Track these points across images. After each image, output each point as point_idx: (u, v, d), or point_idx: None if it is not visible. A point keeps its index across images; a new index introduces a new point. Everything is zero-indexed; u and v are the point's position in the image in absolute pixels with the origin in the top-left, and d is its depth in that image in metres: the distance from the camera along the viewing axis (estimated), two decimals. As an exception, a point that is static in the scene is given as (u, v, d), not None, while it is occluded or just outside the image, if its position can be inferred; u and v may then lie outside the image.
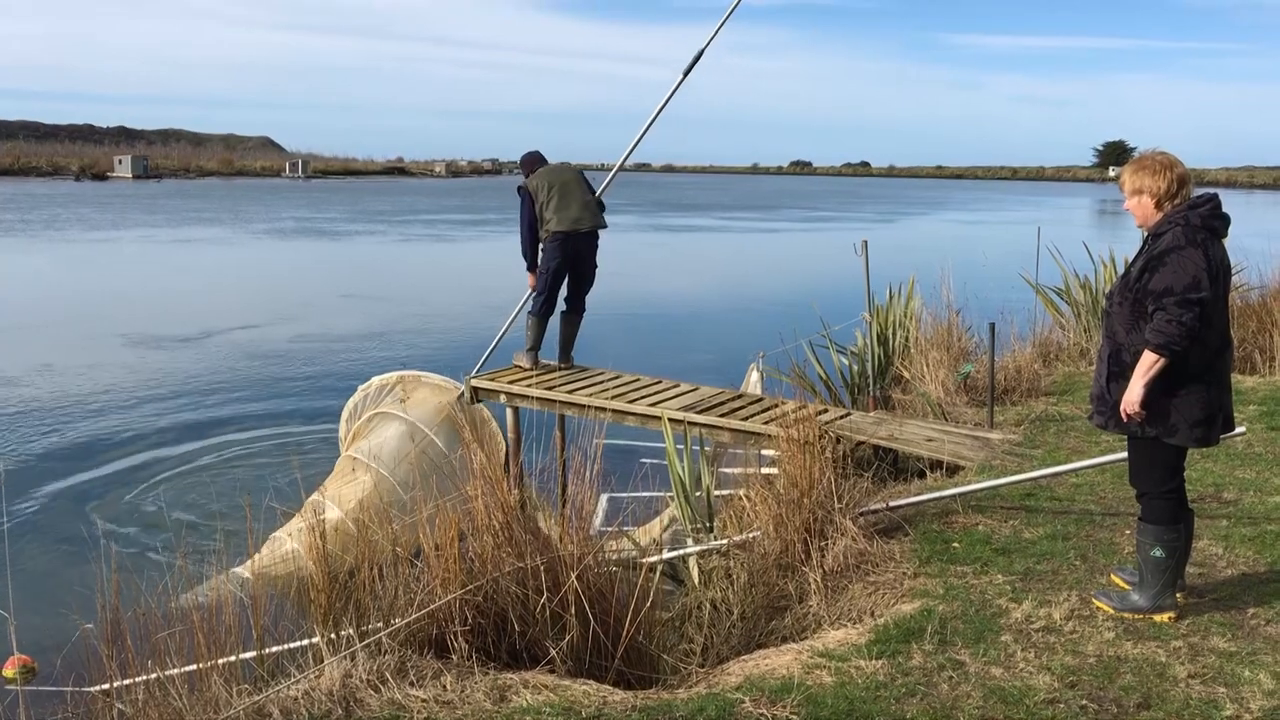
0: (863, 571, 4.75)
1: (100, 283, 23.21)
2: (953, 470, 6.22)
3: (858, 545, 4.86)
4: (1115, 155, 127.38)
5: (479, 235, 37.68)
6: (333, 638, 3.86)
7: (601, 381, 8.20)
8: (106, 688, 3.49)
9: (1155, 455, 3.97)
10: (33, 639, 5.10)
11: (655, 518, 6.37)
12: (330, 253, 30.48)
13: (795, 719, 3.36)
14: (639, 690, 3.75)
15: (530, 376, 8.17)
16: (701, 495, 5.63)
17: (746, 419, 7.10)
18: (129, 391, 12.54)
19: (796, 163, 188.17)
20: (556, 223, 8.10)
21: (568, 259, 8.21)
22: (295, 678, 3.55)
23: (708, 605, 4.96)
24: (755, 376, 8.79)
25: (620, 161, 8.93)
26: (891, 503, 5.30)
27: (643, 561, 4.73)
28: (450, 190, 77.45)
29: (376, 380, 8.42)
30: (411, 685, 3.55)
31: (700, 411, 7.28)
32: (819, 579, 4.69)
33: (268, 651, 3.96)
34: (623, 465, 6.33)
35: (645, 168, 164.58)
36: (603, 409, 7.52)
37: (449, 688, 3.54)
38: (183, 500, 8.67)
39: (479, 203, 59.40)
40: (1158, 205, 3.92)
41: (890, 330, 8.87)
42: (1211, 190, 4.12)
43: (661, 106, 8.39)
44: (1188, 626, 3.98)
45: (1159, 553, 3.97)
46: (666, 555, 5.18)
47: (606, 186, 8.66)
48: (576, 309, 8.57)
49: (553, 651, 3.83)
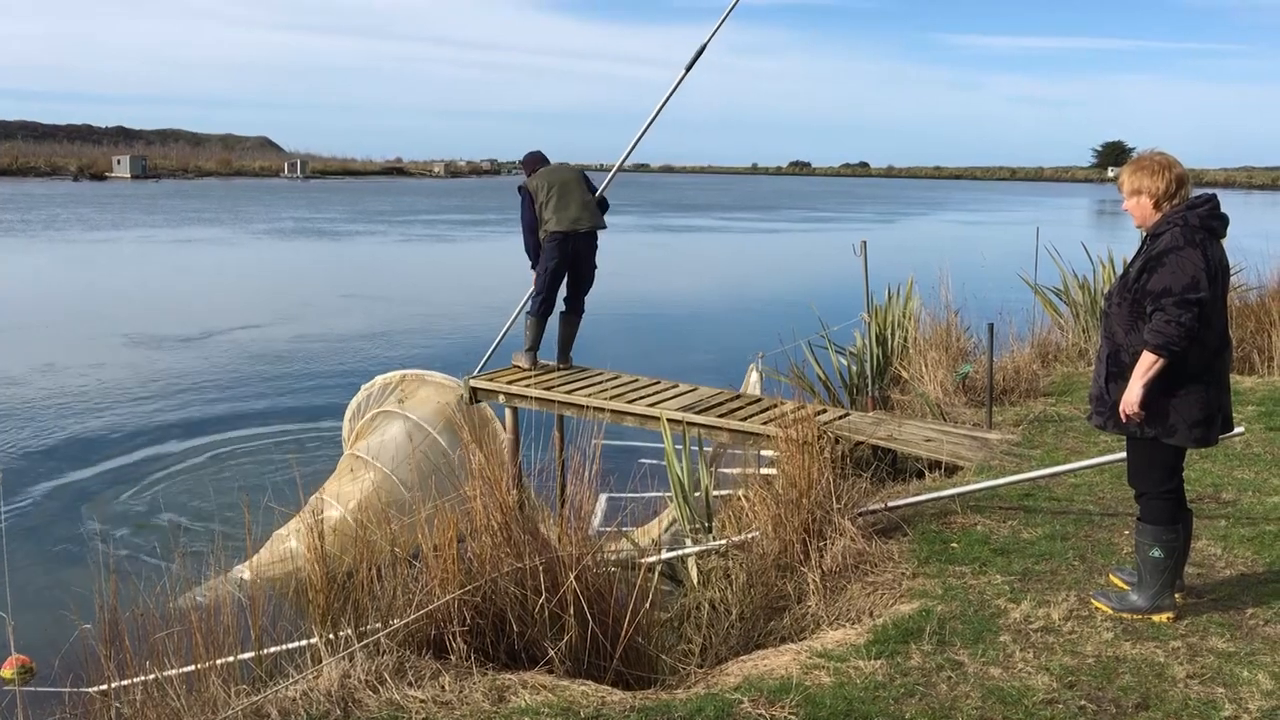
0: (861, 572, 4.75)
1: (101, 282, 23.20)
2: (951, 470, 6.22)
3: (856, 545, 4.86)
4: (1114, 155, 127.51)
5: (479, 235, 37.69)
6: (331, 638, 3.86)
7: (600, 382, 8.20)
8: (105, 688, 3.49)
9: (1154, 455, 3.98)
10: (31, 639, 5.09)
11: (654, 518, 6.37)
12: (330, 253, 30.49)
13: (794, 719, 3.36)
14: (637, 690, 3.75)
15: (529, 377, 8.17)
16: (700, 495, 5.63)
17: (745, 419, 7.10)
18: (129, 391, 12.55)
19: (795, 163, 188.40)
20: (555, 223, 8.10)
21: (566, 259, 8.21)
22: (293, 678, 3.55)
23: (706, 606, 4.96)
24: (755, 377, 8.79)
25: (621, 160, 8.92)
26: (890, 503, 5.30)
27: (641, 562, 4.73)
28: (449, 190, 77.45)
29: (380, 379, 8.42)
30: (410, 686, 3.54)
31: (699, 412, 7.28)
32: (818, 579, 4.69)
33: (266, 652, 3.96)
34: (621, 466, 6.32)
35: (644, 168, 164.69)
36: (601, 409, 7.52)
37: (447, 688, 3.54)
38: (182, 500, 8.68)
39: (478, 203, 59.41)
40: (1156, 206, 3.92)
41: (889, 330, 8.87)
42: (1210, 190, 4.12)
43: (663, 103, 8.38)
44: (1186, 627, 3.98)
45: (1157, 553, 3.98)
46: (665, 555, 5.18)
47: (606, 186, 8.66)
48: (575, 309, 8.57)
49: (551, 652, 3.83)
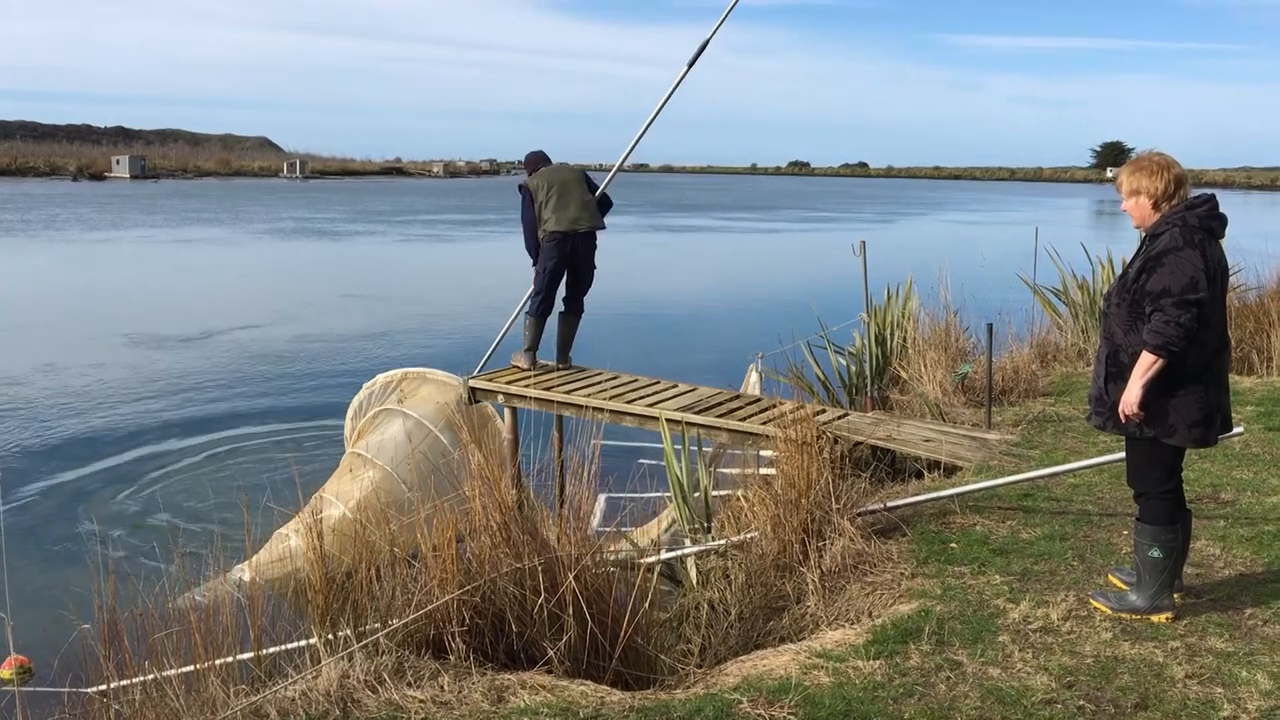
0: (860, 572, 4.75)
1: (101, 282, 23.20)
2: (950, 471, 6.22)
3: (855, 546, 4.86)
4: (1113, 156, 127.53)
5: (479, 235, 37.69)
6: (330, 638, 3.86)
7: (599, 382, 8.20)
8: (104, 688, 3.48)
9: (1153, 456, 3.98)
10: (30, 640, 5.09)
11: (654, 518, 6.37)
12: (330, 253, 30.49)
13: (793, 719, 3.36)
14: (637, 691, 3.75)
15: (528, 377, 8.17)
16: (699, 496, 5.63)
17: (744, 419, 7.10)
18: (129, 390, 12.54)
19: (795, 163, 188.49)
20: (554, 222, 8.10)
21: (565, 259, 8.21)
22: (293, 678, 3.55)
23: (705, 606, 4.96)
24: (754, 377, 8.79)
25: (621, 159, 8.90)
26: (889, 503, 5.30)
27: (640, 562, 4.73)
28: (448, 190, 77.45)
29: (381, 378, 8.42)
30: (409, 686, 3.54)
31: (698, 412, 7.28)
32: (817, 579, 4.69)
33: (265, 652, 3.96)
34: (621, 466, 6.32)
35: (644, 168, 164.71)
36: (600, 409, 7.52)
37: (446, 688, 3.54)
38: (182, 500, 8.68)
39: (478, 203, 59.41)
40: (1155, 206, 3.92)
41: (888, 331, 8.87)
42: (1209, 191, 4.12)
43: (665, 100, 8.37)
44: (1185, 627, 3.98)
45: (1156, 553, 3.98)
46: (664, 556, 5.18)
47: (607, 185, 8.66)
48: (575, 309, 8.57)
49: (550, 652, 3.83)
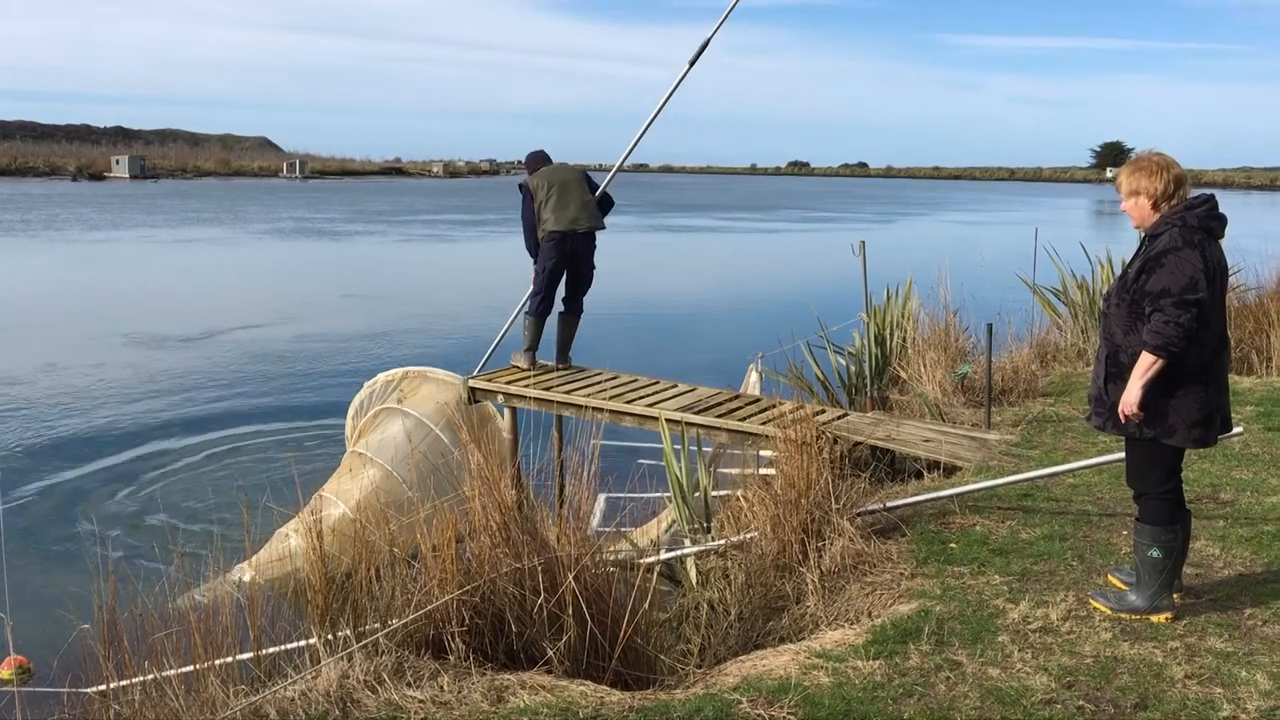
0: (860, 572, 4.75)
1: (102, 282, 23.20)
2: (950, 471, 6.22)
3: (855, 546, 4.86)
4: (1112, 156, 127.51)
5: (479, 235, 37.68)
6: (330, 639, 3.86)
7: (599, 382, 8.20)
8: (103, 689, 3.48)
9: (1153, 456, 3.98)
10: (29, 640, 5.09)
11: (653, 518, 6.37)
12: (331, 253, 30.48)
13: (792, 719, 3.36)
14: (636, 691, 3.75)
15: (528, 377, 8.17)
16: (699, 496, 5.63)
17: (744, 419, 7.10)
18: (129, 390, 12.54)
19: (794, 163, 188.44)
20: (553, 222, 8.10)
21: (564, 259, 8.21)
22: (292, 678, 3.55)
23: (705, 606, 4.96)
24: (754, 377, 8.79)
25: (622, 158, 8.87)
26: (889, 503, 5.30)
27: (640, 562, 4.73)
28: (448, 190, 77.44)
29: (382, 376, 8.42)
30: (408, 686, 3.55)
31: (698, 412, 7.28)
32: (816, 579, 4.69)
33: (265, 652, 3.96)
34: (620, 466, 6.32)
35: (643, 168, 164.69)
36: (600, 409, 7.52)
37: (446, 688, 3.54)
38: (182, 500, 8.67)
39: (478, 203, 59.40)
40: (1154, 206, 3.93)
41: (888, 331, 8.88)
42: (1208, 191, 4.12)
43: (666, 98, 8.34)
44: (1184, 627, 3.99)
45: (1156, 553, 3.98)
46: (664, 556, 5.19)
47: (607, 185, 8.65)
48: (574, 310, 8.57)
49: (550, 652, 3.83)
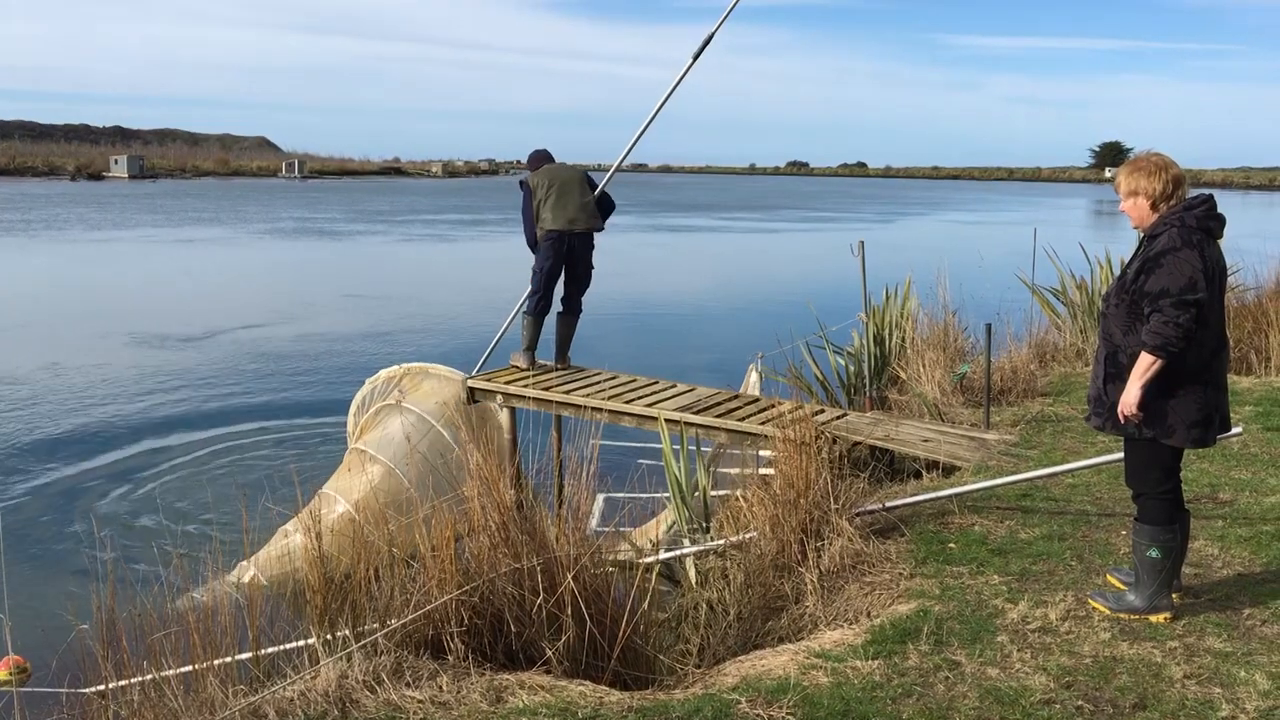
0: (859, 572, 4.75)
1: (104, 282, 23.21)
2: (949, 471, 6.23)
3: (854, 546, 4.86)
4: (1111, 156, 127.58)
5: (479, 235, 37.68)
6: (329, 639, 3.86)
7: (598, 382, 8.20)
8: (102, 689, 3.48)
9: (1152, 456, 3.98)
10: (28, 640, 5.08)
11: (652, 519, 6.37)
12: (331, 252, 30.48)
13: (791, 719, 3.36)
14: (635, 691, 3.75)
15: (527, 377, 8.17)
16: (698, 496, 5.63)
17: (743, 419, 7.10)
18: (130, 389, 12.54)
19: (793, 163, 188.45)
20: (552, 221, 8.11)
21: (561, 258, 8.21)
22: (291, 679, 3.55)
23: (704, 606, 4.96)
24: (754, 377, 8.79)
25: (622, 157, 8.83)
26: (888, 503, 5.30)
27: (639, 562, 4.73)
28: (448, 190, 77.42)
29: (383, 373, 8.41)
30: (407, 686, 3.54)
31: (697, 412, 7.28)
32: (815, 579, 4.69)
33: (263, 652, 3.96)
34: (619, 466, 6.32)
35: (642, 168, 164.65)
36: (599, 409, 7.52)
37: (445, 688, 3.54)
38: (182, 499, 8.67)
39: (478, 203, 59.39)
40: (1153, 206, 3.93)
41: (887, 331, 8.88)
42: (1207, 191, 4.12)
43: (671, 91, 8.32)
44: (1183, 627, 3.99)
45: (1155, 553, 3.98)
46: (663, 556, 5.19)
47: (605, 185, 8.65)
48: (573, 310, 8.57)
49: (549, 652, 3.83)
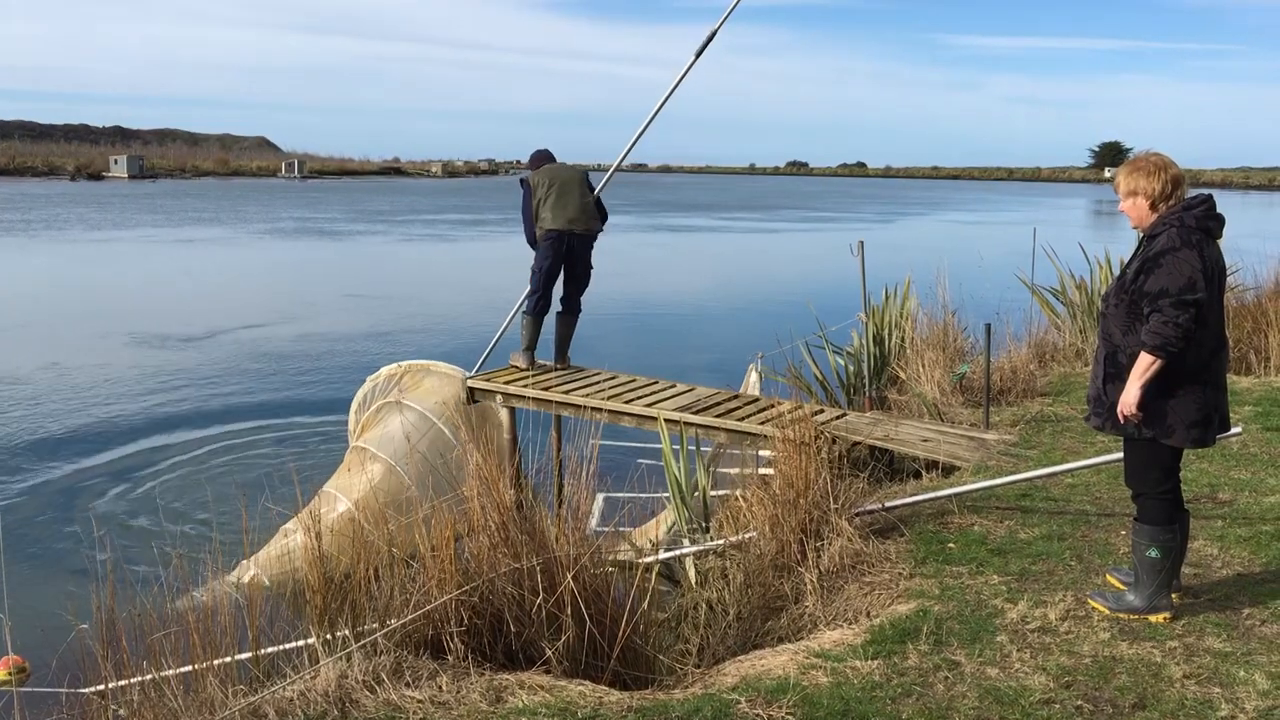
0: (858, 572, 4.75)
1: (106, 281, 23.21)
2: (948, 471, 6.23)
3: (854, 546, 4.87)
4: (1111, 156, 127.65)
5: (479, 235, 37.67)
6: (328, 639, 3.86)
7: (598, 382, 8.20)
8: (101, 689, 3.48)
9: (1151, 456, 3.98)
10: (28, 640, 5.08)
11: (652, 519, 6.37)
12: (332, 252, 30.48)
13: (791, 719, 3.36)
14: (635, 691, 3.75)
15: (526, 376, 8.17)
16: (698, 496, 5.63)
17: (742, 419, 7.10)
18: (131, 388, 12.54)
19: (793, 163, 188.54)
20: (551, 220, 8.10)
21: (560, 258, 8.21)
22: (291, 678, 3.55)
23: (704, 606, 4.96)
24: (754, 377, 8.79)
25: (623, 155, 8.81)
26: (887, 503, 5.30)
27: (639, 562, 4.73)
28: (448, 190, 77.41)
29: (385, 370, 8.42)
30: (407, 686, 3.54)
31: (696, 412, 7.28)
32: (815, 579, 4.69)
33: (263, 652, 3.95)
34: (619, 466, 6.33)
35: (642, 168, 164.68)
36: (599, 409, 7.52)
37: (445, 688, 3.54)
38: (182, 499, 8.66)
39: (478, 202, 59.39)
40: (1152, 206, 3.93)
41: (886, 331, 8.88)
42: (1206, 191, 4.12)
43: (673, 87, 8.30)
44: (1183, 627, 3.99)
45: (1154, 553, 3.98)
46: (662, 556, 5.19)
47: (605, 184, 8.64)
48: (572, 310, 8.57)
49: (549, 652, 3.83)
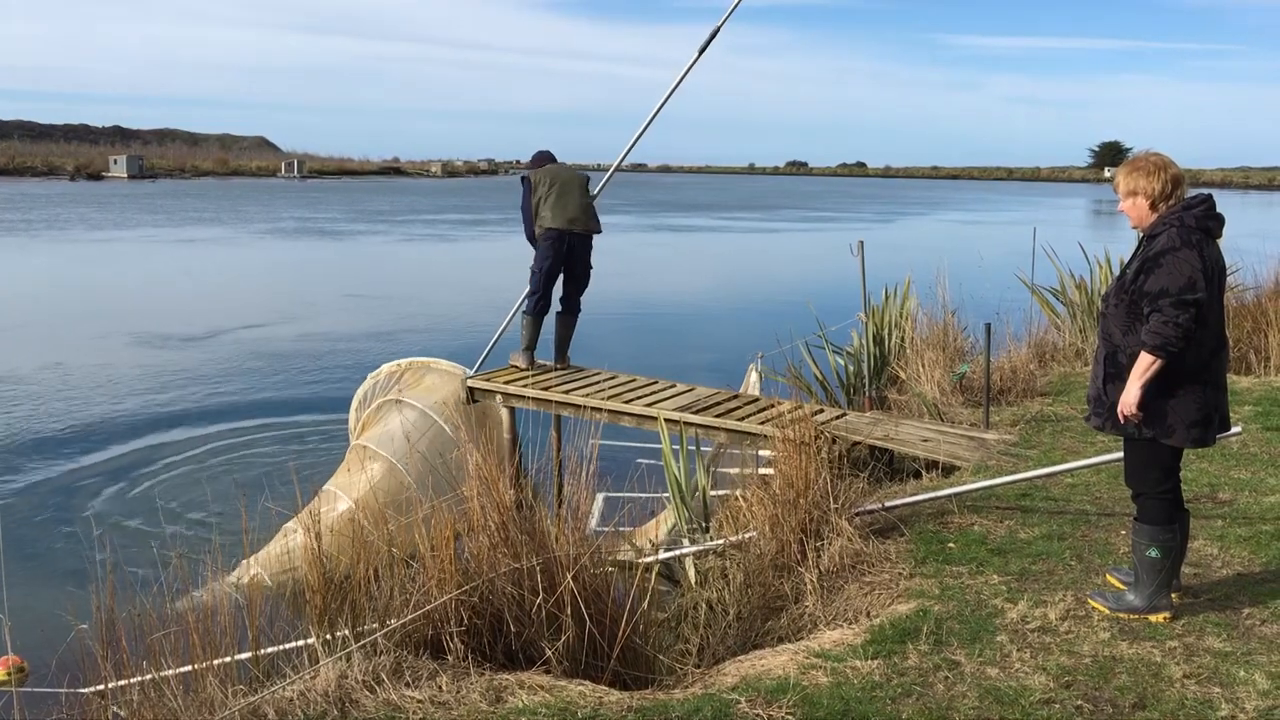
0: (858, 572, 4.75)
1: (107, 281, 23.20)
2: (948, 470, 6.23)
3: (853, 545, 4.87)
4: (1111, 155, 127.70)
5: (480, 235, 37.67)
6: (328, 638, 3.86)
7: (598, 382, 8.20)
8: (101, 689, 3.48)
9: (1151, 456, 3.98)
10: (27, 640, 5.08)
11: (652, 518, 6.37)
12: (333, 252, 30.47)
13: (791, 719, 3.36)
14: (635, 691, 3.75)
15: (526, 376, 8.17)
16: (698, 495, 5.63)
17: (742, 419, 7.10)
18: (132, 388, 12.53)
19: (793, 163, 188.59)
20: (552, 218, 8.09)
21: (560, 258, 8.20)
22: (291, 678, 3.55)
23: (704, 606, 4.96)
24: (754, 377, 8.79)
25: (624, 153, 8.77)
26: (887, 503, 5.30)
27: (639, 562, 4.73)
28: (448, 190, 77.39)
29: (385, 367, 8.41)
30: (407, 686, 3.54)
31: (696, 412, 7.28)
32: (815, 579, 4.69)
33: (263, 652, 3.95)
34: (619, 466, 6.32)
35: (641, 168, 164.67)
36: (599, 409, 7.52)
37: (444, 688, 3.54)
38: (183, 498, 8.65)
39: (477, 202, 59.38)
40: (1152, 206, 3.93)
41: (886, 330, 8.88)
42: (1206, 190, 4.12)
43: (676, 84, 8.29)
44: (1183, 627, 3.99)
45: (1154, 553, 3.98)
46: (662, 556, 5.19)
47: (606, 184, 8.63)
48: (572, 309, 8.57)
49: (548, 652, 3.83)
